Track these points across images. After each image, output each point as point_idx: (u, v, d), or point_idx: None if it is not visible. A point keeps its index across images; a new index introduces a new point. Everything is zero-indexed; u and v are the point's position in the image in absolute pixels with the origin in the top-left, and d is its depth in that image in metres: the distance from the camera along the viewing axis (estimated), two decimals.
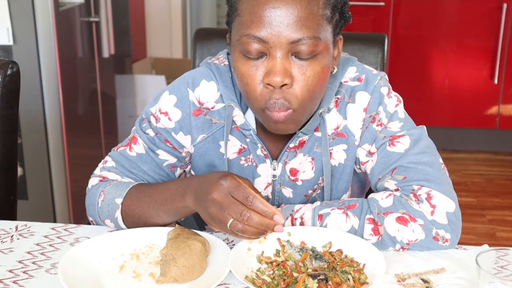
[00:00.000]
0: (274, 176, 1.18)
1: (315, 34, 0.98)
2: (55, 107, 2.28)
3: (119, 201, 1.12)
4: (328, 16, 1.01)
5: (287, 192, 1.20)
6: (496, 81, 3.49)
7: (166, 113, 1.16)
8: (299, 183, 1.18)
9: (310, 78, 1.01)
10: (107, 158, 1.20)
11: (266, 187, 1.19)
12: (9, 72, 1.37)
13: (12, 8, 2.12)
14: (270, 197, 1.20)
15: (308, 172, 1.17)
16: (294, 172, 1.17)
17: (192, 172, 1.24)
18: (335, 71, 1.09)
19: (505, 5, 3.37)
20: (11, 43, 2.15)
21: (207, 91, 1.15)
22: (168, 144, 1.17)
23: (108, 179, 1.17)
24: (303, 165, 1.17)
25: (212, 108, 1.15)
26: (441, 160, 1.13)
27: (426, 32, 3.53)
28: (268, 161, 1.16)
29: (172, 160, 1.19)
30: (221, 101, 1.15)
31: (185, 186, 1.05)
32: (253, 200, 0.94)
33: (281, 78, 0.99)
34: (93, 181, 1.19)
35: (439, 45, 3.53)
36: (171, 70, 3.78)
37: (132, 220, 1.12)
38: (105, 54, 2.66)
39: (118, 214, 1.12)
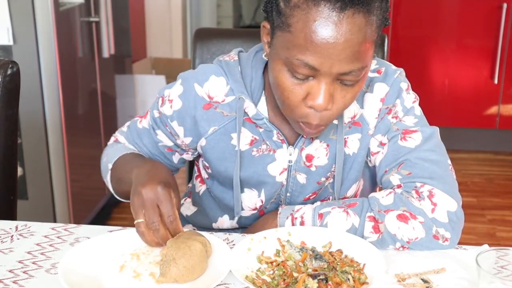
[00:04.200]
0: (290, 161, 1.18)
1: (364, 64, 0.98)
2: (55, 107, 2.28)
3: (110, 166, 1.25)
4: (376, 38, 0.99)
5: (301, 178, 1.20)
6: (496, 81, 3.49)
7: (171, 101, 1.18)
8: (313, 169, 1.19)
9: (348, 100, 1.02)
10: (128, 122, 1.32)
11: (282, 172, 1.20)
12: (9, 72, 1.37)
13: (12, 8, 2.12)
14: (285, 183, 1.21)
15: (322, 158, 1.18)
16: (309, 158, 1.18)
17: (206, 164, 1.25)
18: None
19: (505, 5, 3.37)
20: (11, 43, 2.15)
21: (216, 86, 1.16)
22: (167, 127, 1.21)
23: (119, 142, 1.30)
24: (318, 151, 1.18)
25: (222, 101, 1.16)
26: (449, 162, 1.15)
27: (426, 32, 3.53)
28: (285, 146, 1.17)
29: (169, 143, 1.24)
30: (231, 94, 1.16)
31: (142, 165, 1.13)
32: (172, 221, 1.01)
33: (325, 104, 0.99)
34: (111, 140, 1.33)
35: (439, 45, 3.53)
36: (171, 70, 3.78)
37: (114, 183, 1.25)
38: (105, 54, 2.66)
39: (108, 177, 1.26)
